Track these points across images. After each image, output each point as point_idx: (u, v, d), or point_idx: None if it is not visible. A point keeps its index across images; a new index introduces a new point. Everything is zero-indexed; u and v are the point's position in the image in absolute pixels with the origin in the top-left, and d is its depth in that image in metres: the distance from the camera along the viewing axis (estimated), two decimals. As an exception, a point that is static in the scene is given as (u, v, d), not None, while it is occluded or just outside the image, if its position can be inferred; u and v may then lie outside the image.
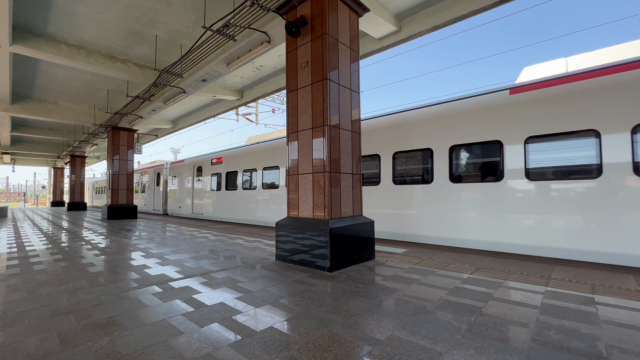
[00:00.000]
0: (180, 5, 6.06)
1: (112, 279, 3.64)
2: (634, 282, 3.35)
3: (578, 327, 2.26)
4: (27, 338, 2.15)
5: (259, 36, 5.94)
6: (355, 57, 4.82)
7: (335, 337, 2.13)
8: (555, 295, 2.94)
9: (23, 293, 3.13)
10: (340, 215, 4.34)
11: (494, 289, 3.16)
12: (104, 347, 2.01)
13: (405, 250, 5.29)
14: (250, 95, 10.86)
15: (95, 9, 6.18)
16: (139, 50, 7.88)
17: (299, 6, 4.66)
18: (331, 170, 4.22)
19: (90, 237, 7.38)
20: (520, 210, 5.09)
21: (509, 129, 5.24)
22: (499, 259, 4.58)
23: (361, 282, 3.45)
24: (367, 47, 7.09)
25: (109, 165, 13.34)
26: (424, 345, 2.01)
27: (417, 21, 6.30)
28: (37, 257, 4.94)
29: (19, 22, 6.52)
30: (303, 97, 4.50)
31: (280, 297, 2.96)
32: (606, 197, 4.36)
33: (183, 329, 2.26)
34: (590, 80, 4.59)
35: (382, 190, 6.99)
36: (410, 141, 6.57)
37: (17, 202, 59.15)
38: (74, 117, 12.24)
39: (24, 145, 20.04)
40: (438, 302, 2.79)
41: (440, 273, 3.79)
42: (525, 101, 5.13)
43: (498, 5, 5.42)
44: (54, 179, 27.57)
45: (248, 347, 2.00)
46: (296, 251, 4.33)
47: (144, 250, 5.47)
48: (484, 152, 5.63)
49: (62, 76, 9.49)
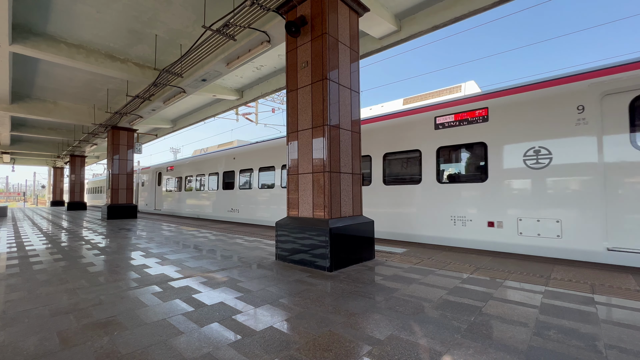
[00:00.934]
0: (180, 4, 6.05)
1: (112, 278, 3.64)
2: (634, 282, 3.35)
3: (578, 326, 2.27)
4: (27, 338, 2.15)
5: (258, 36, 5.93)
6: (355, 57, 4.82)
7: (335, 336, 2.13)
8: (555, 295, 2.94)
9: (23, 292, 3.13)
10: (340, 215, 4.34)
11: (494, 288, 3.16)
12: (104, 346, 2.01)
13: (405, 250, 5.29)
14: (250, 95, 10.86)
15: (95, 8, 6.18)
16: (139, 49, 7.88)
17: (299, 6, 4.66)
18: (331, 170, 4.22)
19: (90, 236, 7.38)
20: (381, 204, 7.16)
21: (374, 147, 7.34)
22: (498, 259, 4.58)
23: (361, 281, 3.46)
24: (367, 46, 7.09)
25: (108, 164, 13.34)
26: (423, 344, 2.01)
27: (417, 21, 6.29)
28: (37, 257, 4.94)
29: (18, 21, 6.51)
30: (303, 96, 4.50)
31: (280, 296, 2.96)
32: (424, 196, 6.37)
33: (183, 329, 2.26)
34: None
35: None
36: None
37: (16, 202, 59.11)
38: (74, 116, 12.23)
39: (23, 144, 20.03)
40: (438, 301, 2.79)
41: (440, 273, 3.79)
42: (378, 128, 7.32)
43: (498, 5, 5.42)
44: (54, 179, 27.56)
45: (248, 346, 2.00)
46: (296, 251, 4.33)
47: (144, 250, 5.47)
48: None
49: (62, 76, 9.48)
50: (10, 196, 71.86)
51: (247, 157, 11.29)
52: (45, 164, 28.46)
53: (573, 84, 4.84)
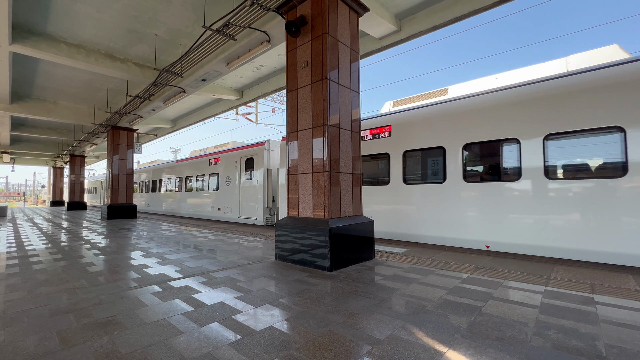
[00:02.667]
0: (180, 4, 6.05)
1: (112, 278, 3.64)
2: (634, 282, 3.35)
3: (577, 326, 2.27)
4: (27, 337, 2.15)
5: (258, 36, 5.93)
6: (355, 57, 4.82)
7: (335, 336, 2.13)
8: (554, 295, 2.94)
9: (23, 292, 3.13)
10: (340, 215, 4.34)
11: (494, 288, 3.16)
12: (104, 346, 2.01)
13: (405, 250, 5.29)
14: (250, 95, 10.86)
15: (95, 8, 6.17)
16: (139, 49, 7.87)
17: (299, 6, 4.66)
18: (331, 170, 4.22)
19: (90, 236, 7.38)
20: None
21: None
22: (498, 259, 4.59)
23: (361, 281, 3.46)
24: (367, 46, 7.09)
25: (108, 164, 13.33)
26: (423, 344, 2.01)
27: (417, 21, 6.29)
28: (37, 257, 4.94)
29: (18, 21, 6.51)
30: (303, 96, 4.50)
31: (280, 296, 2.96)
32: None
33: (183, 329, 2.26)
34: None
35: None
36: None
37: (16, 202, 59.09)
38: (74, 116, 12.23)
39: (23, 144, 20.02)
40: (438, 301, 2.79)
41: (440, 273, 3.79)
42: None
43: (498, 5, 5.42)
44: (54, 179, 27.55)
45: (248, 346, 2.00)
46: (296, 251, 4.33)
47: (144, 250, 5.47)
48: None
49: (62, 75, 9.48)
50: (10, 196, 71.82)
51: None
52: (45, 164, 28.43)
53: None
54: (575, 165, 4.85)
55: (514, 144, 5.34)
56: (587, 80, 4.77)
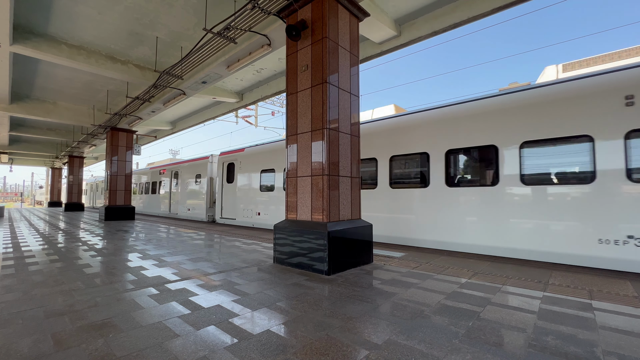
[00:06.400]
0: (181, 7, 6.08)
1: (108, 280, 3.62)
2: (632, 289, 3.35)
3: (576, 332, 2.26)
4: (21, 339, 2.12)
5: (259, 39, 5.96)
6: (355, 61, 4.84)
7: (332, 340, 2.12)
8: (553, 301, 2.93)
9: (18, 294, 3.10)
10: (339, 219, 4.33)
11: (492, 293, 3.15)
12: (99, 349, 1.99)
13: (404, 254, 5.28)
14: (250, 98, 10.89)
15: (97, 9, 6.20)
16: (140, 51, 7.90)
17: (300, 10, 4.69)
18: (330, 173, 4.22)
19: (86, 238, 7.34)
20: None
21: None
22: (497, 264, 4.58)
23: (359, 285, 3.44)
24: (367, 51, 7.13)
25: (107, 166, 13.30)
26: (421, 349, 2.00)
27: (416, 26, 6.34)
28: (33, 258, 4.90)
29: (19, 22, 6.53)
30: (303, 100, 4.51)
31: (277, 300, 2.94)
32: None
33: (179, 332, 2.24)
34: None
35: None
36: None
37: (14, 202, 58.81)
38: (73, 117, 12.22)
39: (22, 145, 19.97)
40: (436, 306, 2.78)
41: (438, 277, 3.78)
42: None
43: (497, 11, 5.47)
44: (52, 179, 27.45)
45: (244, 350, 1.99)
46: (294, 254, 4.31)
47: (141, 252, 5.44)
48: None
49: (62, 76, 9.49)
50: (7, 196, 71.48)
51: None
52: (43, 165, 28.35)
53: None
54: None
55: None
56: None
